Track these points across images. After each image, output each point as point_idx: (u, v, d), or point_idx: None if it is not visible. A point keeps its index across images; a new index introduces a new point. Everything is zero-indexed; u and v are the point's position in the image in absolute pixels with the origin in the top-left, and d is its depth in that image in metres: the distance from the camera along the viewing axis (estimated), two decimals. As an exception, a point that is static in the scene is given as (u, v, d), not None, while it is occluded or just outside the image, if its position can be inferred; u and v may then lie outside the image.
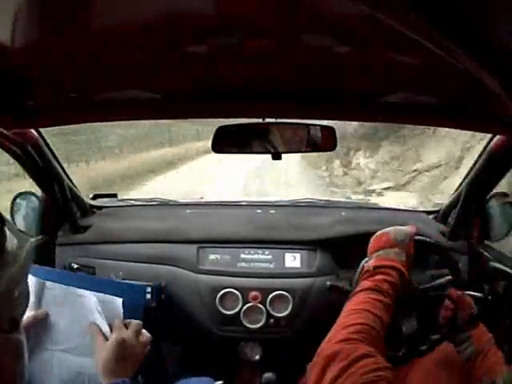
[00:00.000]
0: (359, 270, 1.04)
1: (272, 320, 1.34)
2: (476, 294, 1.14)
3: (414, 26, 0.43)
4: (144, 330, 0.88)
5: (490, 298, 1.12)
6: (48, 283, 0.94)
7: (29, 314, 0.47)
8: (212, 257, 1.41)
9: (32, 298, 0.85)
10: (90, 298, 0.94)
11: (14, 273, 0.42)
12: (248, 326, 1.33)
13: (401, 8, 0.40)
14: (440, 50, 0.45)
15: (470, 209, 1.37)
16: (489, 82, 0.51)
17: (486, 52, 0.46)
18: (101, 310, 0.92)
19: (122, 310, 0.93)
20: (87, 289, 0.95)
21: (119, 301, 0.95)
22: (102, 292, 0.96)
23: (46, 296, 0.93)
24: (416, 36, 0.44)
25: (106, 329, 0.88)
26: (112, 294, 0.96)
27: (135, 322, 0.88)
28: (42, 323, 0.90)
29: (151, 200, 1.78)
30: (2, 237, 0.41)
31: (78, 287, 0.95)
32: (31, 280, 0.71)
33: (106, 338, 0.86)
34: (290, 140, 1.01)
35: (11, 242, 0.42)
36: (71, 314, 0.93)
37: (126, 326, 0.87)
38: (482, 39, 0.44)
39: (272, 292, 1.34)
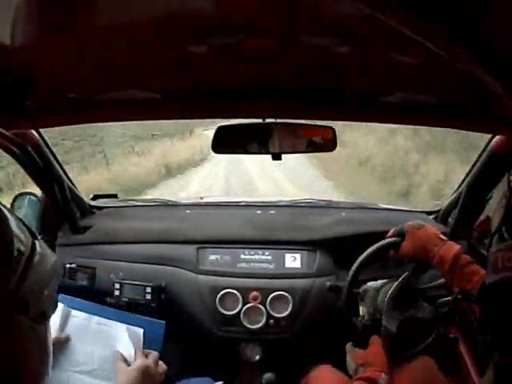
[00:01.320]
0: None
1: (272, 320, 1.34)
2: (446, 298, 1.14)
3: (414, 26, 0.43)
4: (161, 361, 0.95)
5: (459, 297, 1.08)
6: (73, 311, 1.00)
7: (52, 336, 0.51)
8: (212, 257, 1.41)
9: (57, 322, 0.96)
10: (117, 326, 1.00)
11: (42, 275, 0.47)
12: (248, 326, 1.33)
13: (401, 8, 0.40)
14: (440, 50, 0.45)
15: (470, 209, 1.37)
16: (489, 82, 0.51)
17: (487, 52, 0.46)
18: (128, 338, 0.98)
19: (142, 339, 1.00)
20: (110, 319, 1.02)
21: (140, 331, 1.01)
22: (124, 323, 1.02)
23: (71, 321, 0.99)
24: (416, 36, 0.44)
25: (128, 355, 0.94)
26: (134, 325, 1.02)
27: (155, 353, 0.95)
28: (62, 345, 0.95)
29: (151, 200, 1.79)
30: (33, 249, 0.46)
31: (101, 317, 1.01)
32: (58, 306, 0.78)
33: (128, 364, 0.91)
34: (290, 140, 1.01)
35: (41, 252, 0.48)
36: (93, 339, 0.98)
37: (146, 356, 0.94)
38: (482, 39, 0.44)
39: (272, 292, 1.34)
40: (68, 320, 0.99)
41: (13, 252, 0.43)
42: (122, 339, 0.98)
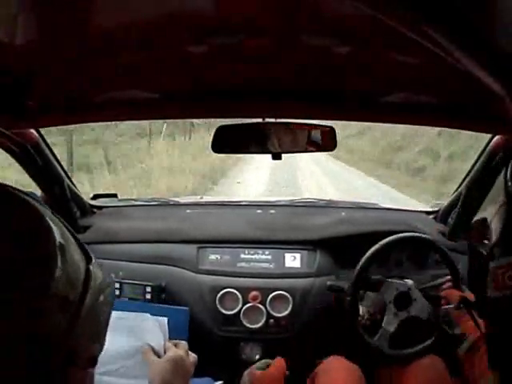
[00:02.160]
0: None
1: (272, 320, 1.34)
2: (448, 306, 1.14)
3: (414, 26, 0.43)
4: (190, 351, 0.91)
5: (461, 306, 1.10)
6: None
7: None
8: (212, 257, 1.41)
9: None
10: (139, 318, 0.95)
11: (94, 310, 0.42)
12: (248, 326, 1.33)
13: (401, 8, 0.40)
14: (440, 50, 0.45)
15: (469, 209, 1.37)
16: (489, 82, 0.51)
17: (487, 52, 0.46)
18: (154, 328, 0.93)
19: (167, 329, 0.95)
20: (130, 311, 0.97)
21: (165, 320, 0.96)
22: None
23: None
24: (416, 36, 0.44)
25: (157, 347, 0.89)
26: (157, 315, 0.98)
27: (184, 342, 0.90)
28: None
29: (151, 200, 1.79)
30: (88, 275, 0.42)
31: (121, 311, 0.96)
32: None
33: (159, 356, 0.86)
34: (290, 140, 1.01)
35: (96, 279, 0.43)
36: (115, 336, 0.90)
37: (176, 345, 0.89)
38: (482, 39, 0.44)
39: (272, 292, 1.34)
40: None
41: (68, 295, 0.38)
42: (148, 331, 0.93)
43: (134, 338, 0.92)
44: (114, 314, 0.96)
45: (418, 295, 1.17)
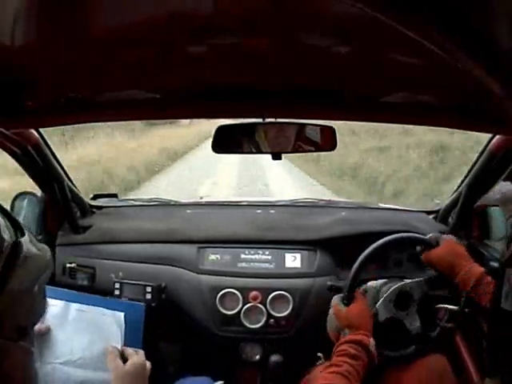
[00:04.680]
0: None
1: (272, 320, 1.34)
2: (451, 306, 1.14)
3: (414, 26, 0.43)
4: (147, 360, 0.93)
5: (466, 310, 1.10)
6: (51, 300, 0.96)
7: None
8: (212, 257, 1.41)
9: None
10: (98, 311, 0.98)
11: (24, 279, 0.42)
12: (248, 326, 1.33)
13: (401, 8, 0.40)
14: (440, 50, 0.45)
15: (469, 209, 1.36)
16: (489, 82, 0.51)
17: (486, 52, 0.46)
18: (111, 323, 0.96)
19: (123, 324, 0.97)
20: (88, 305, 0.99)
21: (121, 315, 0.99)
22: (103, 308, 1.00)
23: (50, 310, 0.95)
24: (416, 36, 0.44)
25: (115, 342, 0.92)
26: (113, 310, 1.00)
27: (142, 352, 0.92)
28: (44, 337, 0.92)
29: (151, 200, 1.79)
30: (16, 248, 0.42)
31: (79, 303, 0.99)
32: None
33: (123, 360, 0.88)
34: (290, 140, 1.01)
35: (27, 249, 0.43)
36: (75, 328, 0.95)
37: (136, 353, 0.91)
38: (482, 39, 0.44)
39: (272, 292, 1.34)
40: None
41: None
42: (106, 326, 0.95)
43: (92, 333, 0.94)
44: (74, 305, 0.98)
45: (418, 293, 1.17)
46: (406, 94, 0.86)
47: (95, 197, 1.69)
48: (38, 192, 1.41)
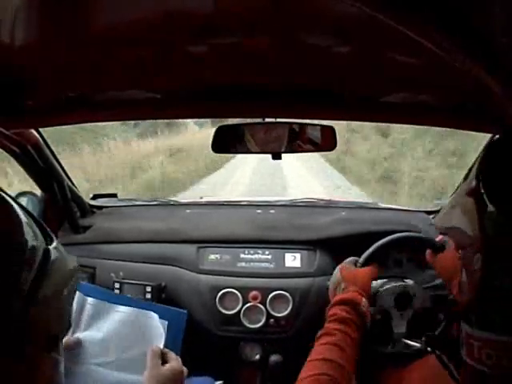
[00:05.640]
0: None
1: (272, 320, 1.34)
2: (414, 343, 1.13)
3: (414, 25, 0.43)
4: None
5: (428, 349, 1.08)
6: (89, 299, 0.95)
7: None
8: (212, 257, 1.41)
9: (73, 311, 0.87)
10: (140, 314, 0.96)
11: (55, 287, 0.42)
12: (248, 325, 1.33)
13: (400, 8, 0.40)
14: (440, 49, 0.45)
15: None
16: (489, 82, 0.51)
17: (486, 52, 0.46)
18: (155, 328, 0.94)
19: (166, 331, 0.96)
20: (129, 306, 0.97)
21: (165, 323, 0.97)
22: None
23: (87, 310, 0.94)
24: (416, 36, 0.44)
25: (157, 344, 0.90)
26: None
27: (179, 358, 0.89)
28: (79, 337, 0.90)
29: (151, 200, 1.79)
30: (48, 256, 0.42)
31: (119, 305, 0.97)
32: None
33: (161, 362, 0.85)
34: (289, 140, 1.01)
35: (56, 256, 0.44)
36: (111, 328, 0.93)
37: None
38: (481, 39, 0.44)
39: (272, 292, 1.34)
40: (84, 308, 0.94)
41: (22, 263, 0.38)
42: (151, 330, 0.93)
43: (134, 335, 0.92)
44: (117, 307, 0.96)
45: (416, 289, 1.17)
46: (406, 94, 0.86)
47: (95, 197, 1.69)
48: (38, 192, 1.41)
